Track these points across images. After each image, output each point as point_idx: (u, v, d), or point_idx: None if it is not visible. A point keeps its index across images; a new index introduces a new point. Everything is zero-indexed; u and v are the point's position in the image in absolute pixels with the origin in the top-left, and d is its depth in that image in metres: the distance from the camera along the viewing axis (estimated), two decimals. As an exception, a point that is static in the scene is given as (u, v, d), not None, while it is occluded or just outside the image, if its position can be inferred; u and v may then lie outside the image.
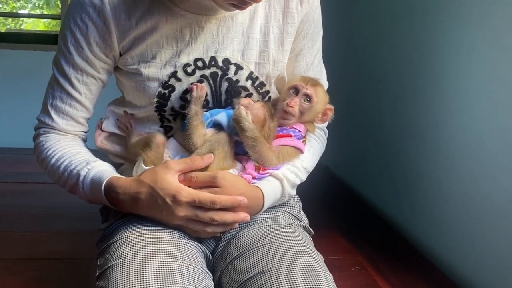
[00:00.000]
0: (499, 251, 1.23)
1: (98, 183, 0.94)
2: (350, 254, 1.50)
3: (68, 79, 1.00)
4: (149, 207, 0.91)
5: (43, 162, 1.03)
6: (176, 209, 0.89)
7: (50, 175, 1.04)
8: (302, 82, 0.98)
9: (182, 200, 0.88)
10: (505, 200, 1.22)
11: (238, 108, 0.94)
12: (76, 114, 1.03)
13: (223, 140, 0.96)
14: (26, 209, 1.78)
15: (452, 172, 1.42)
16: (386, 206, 1.84)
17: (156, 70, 0.99)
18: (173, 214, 0.89)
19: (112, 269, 0.85)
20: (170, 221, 0.92)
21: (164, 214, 0.90)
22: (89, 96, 1.03)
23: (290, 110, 0.97)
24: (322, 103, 1.01)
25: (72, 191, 1.01)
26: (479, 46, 1.33)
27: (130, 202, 0.92)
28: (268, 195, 0.97)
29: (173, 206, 0.88)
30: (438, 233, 1.49)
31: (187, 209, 0.89)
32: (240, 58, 1.01)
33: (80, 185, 0.97)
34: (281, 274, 0.85)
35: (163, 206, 0.89)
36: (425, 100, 1.58)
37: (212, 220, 0.90)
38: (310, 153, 1.06)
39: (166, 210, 0.90)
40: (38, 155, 1.05)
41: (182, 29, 0.98)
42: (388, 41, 1.90)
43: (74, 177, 0.97)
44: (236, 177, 0.95)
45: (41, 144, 1.04)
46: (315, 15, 1.05)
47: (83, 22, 0.95)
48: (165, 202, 0.89)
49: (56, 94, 1.02)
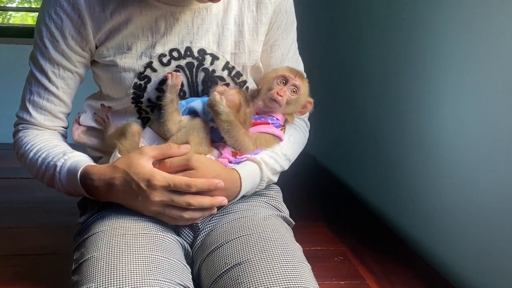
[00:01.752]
0: (482, 240, 1.24)
1: (74, 171, 0.94)
2: (333, 245, 1.50)
3: (45, 74, 1.00)
4: (124, 192, 0.90)
5: (22, 157, 1.03)
6: (151, 194, 0.87)
7: (29, 169, 1.03)
8: (291, 73, 0.99)
9: (157, 184, 0.87)
10: (487, 190, 1.22)
11: (213, 93, 0.95)
12: (54, 109, 1.03)
13: (198, 126, 0.96)
14: (6, 205, 1.76)
15: (436, 162, 1.42)
16: (371, 196, 1.85)
17: (131, 61, 0.99)
18: (148, 199, 0.88)
19: (86, 263, 0.84)
20: (146, 207, 0.90)
21: (140, 200, 0.89)
22: (67, 91, 1.03)
23: (279, 100, 0.98)
24: (305, 96, 1.03)
25: (50, 184, 1.00)
26: (462, 34, 1.33)
27: (105, 189, 0.91)
28: (245, 177, 0.96)
29: (148, 191, 0.87)
30: (422, 223, 1.49)
31: (163, 194, 0.88)
32: (216, 48, 1.01)
33: (57, 176, 0.96)
34: (259, 265, 0.85)
35: (138, 191, 0.88)
36: (409, 90, 1.58)
37: (189, 204, 0.88)
38: (290, 141, 1.06)
39: (141, 195, 0.88)
40: (18, 151, 1.05)
41: (157, 20, 0.98)
42: (370, 30, 1.89)
43: (51, 169, 0.97)
44: (211, 159, 0.95)
45: (20, 139, 1.04)
46: (288, 5, 1.07)
47: (57, 15, 0.95)
48: (140, 187, 0.87)
49: (33, 89, 1.01)
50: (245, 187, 0.97)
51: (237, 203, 1.02)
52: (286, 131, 1.06)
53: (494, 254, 1.20)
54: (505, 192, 1.16)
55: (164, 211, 0.90)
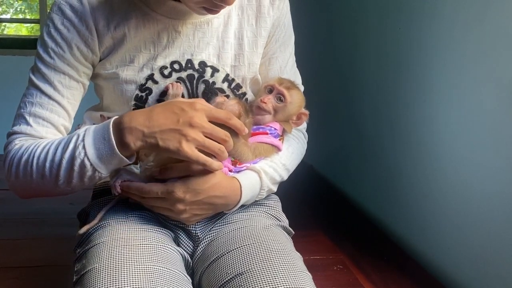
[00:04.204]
0: (479, 247, 1.25)
1: (104, 125, 0.87)
2: (332, 253, 1.50)
3: (50, 83, 0.96)
4: (165, 117, 0.85)
5: (26, 164, 0.90)
6: (194, 116, 0.84)
7: (38, 172, 0.89)
8: (277, 82, 1.03)
9: (199, 108, 0.86)
10: (484, 197, 1.23)
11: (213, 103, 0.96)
12: (57, 121, 0.97)
13: None
14: (4, 216, 1.75)
15: (433, 170, 1.43)
16: (369, 205, 1.85)
17: (133, 73, 0.99)
18: (190, 121, 0.84)
19: (88, 274, 0.84)
20: (182, 129, 0.84)
21: (180, 123, 0.84)
22: (72, 102, 0.99)
23: (263, 106, 1.01)
24: (296, 105, 1.04)
25: (69, 175, 0.88)
26: (457, 43, 1.35)
27: (143, 117, 0.85)
28: (245, 185, 0.97)
29: (190, 111, 0.85)
30: (420, 230, 1.50)
31: (203, 119, 0.85)
32: (216, 61, 1.03)
33: (80, 145, 0.85)
34: (260, 275, 0.85)
35: (180, 114, 0.85)
36: (405, 99, 1.59)
37: (226, 136, 0.87)
38: (288, 151, 1.07)
39: (183, 117, 0.84)
40: (13, 160, 0.92)
41: (159, 33, 1.00)
42: (367, 39, 1.91)
43: (72, 143, 0.87)
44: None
45: (17, 147, 0.93)
46: (286, 20, 1.09)
47: (64, 26, 0.95)
48: (182, 109, 0.85)
49: (35, 100, 0.96)
50: (245, 195, 0.98)
51: (237, 213, 1.03)
52: (285, 141, 1.07)
53: (491, 261, 1.21)
54: (502, 199, 1.17)
55: (204, 142, 0.85)
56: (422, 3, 1.49)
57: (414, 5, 1.54)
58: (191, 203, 0.91)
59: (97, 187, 1.10)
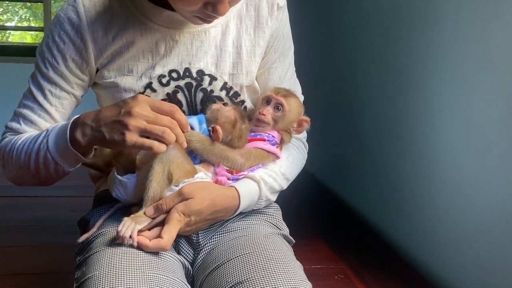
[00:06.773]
0: (481, 258, 1.24)
1: (64, 126, 0.92)
2: (333, 263, 1.50)
3: (41, 91, 1.02)
4: (110, 109, 0.88)
5: (9, 154, 1.00)
6: (134, 106, 0.85)
7: (16, 162, 0.98)
8: (273, 92, 1.03)
9: (140, 99, 0.87)
10: (486, 206, 1.23)
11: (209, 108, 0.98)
12: (44, 125, 1.03)
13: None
14: (6, 223, 1.75)
15: (434, 179, 1.43)
16: (370, 214, 1.85)
17: (132, 81, 1.01)
18: (130, 109, 0.85)
19: (88, 281, 0.84)
20: (123, 120, 0.85)
21: (122, 113, 0.86)
22: (60, 110, 1.04)
23: (262, 118, 1.01)
24: (295, 113, 1.04)
25: (36, 165, 0.96)
26: (459, 53, 1.35)
27: (94, 113, 0.89)
28: (243, 194, 0.97)
29: (131, 102, 0.86)
30: (421, 240, 1.49)
31: (145, 108, 0.86)
32: (214, 69, 1.04)
33: (45, 139, 0.93)
34: (261, 284, 0.85)
35: (122, 106, 0.87)
36: (407, 109, 1.59)
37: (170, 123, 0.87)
38: (288, 161, 1.07)
39: (124, 108, 0.86)
40: (3, 153, 1.02)
41: (157, 42, 1.01)
42: (369, 49, 1.92)
43: (41, 136, 0.95)
44: (201, 183, 0.94)
45: (7, 140, 1.02)
46: (285, 30, 1.10)
47: (61, 39, 0.99)
48: (125, 102, 0.87)
49: (27, 103, 1.03)
50: (243, 204, 0.98)
51: (237, 221, 1.03)
52: (285, 151, 1.07)
53: (492, 271, 1.20)
54: (503, 210, 1.17)
55: (145, 127, 0.86)
56: (424, 13, 1.50)
57: (416, 14, 1.54)
58: (196, 223, 0.93)
59: (97, 195, 1.10)
